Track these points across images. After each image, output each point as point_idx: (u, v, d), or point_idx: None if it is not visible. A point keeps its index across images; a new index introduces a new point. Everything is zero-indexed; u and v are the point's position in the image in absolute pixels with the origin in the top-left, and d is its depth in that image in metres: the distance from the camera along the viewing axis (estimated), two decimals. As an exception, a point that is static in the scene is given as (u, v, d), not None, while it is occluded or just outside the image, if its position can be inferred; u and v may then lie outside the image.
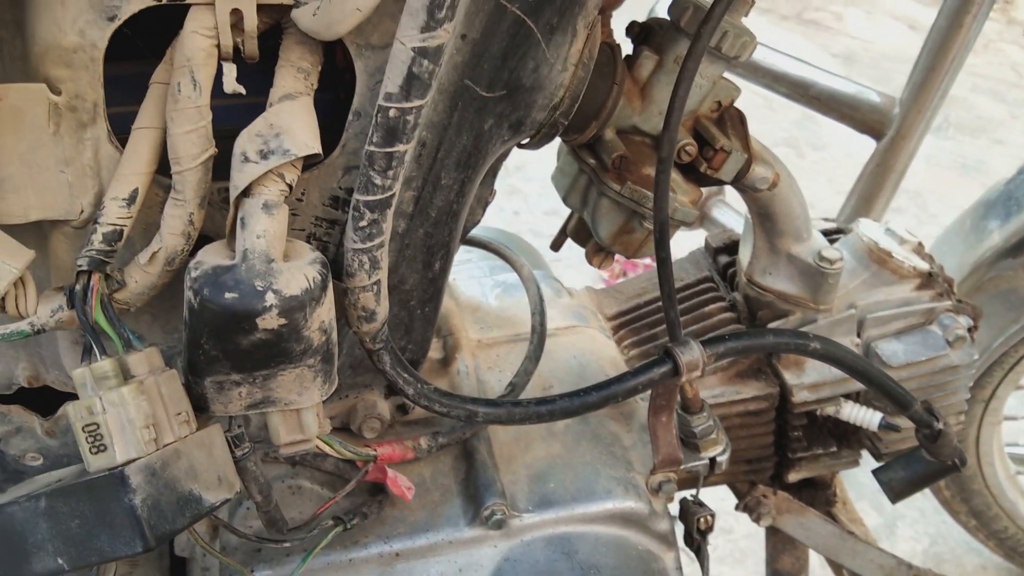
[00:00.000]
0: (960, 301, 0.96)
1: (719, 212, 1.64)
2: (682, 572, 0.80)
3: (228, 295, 0.49)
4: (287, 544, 0.66)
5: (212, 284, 0.50)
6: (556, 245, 0.92)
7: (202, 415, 0.55)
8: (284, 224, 0.52)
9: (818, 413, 0.96)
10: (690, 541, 0.85)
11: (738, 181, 0.81)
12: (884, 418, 0.92)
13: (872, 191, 1.48)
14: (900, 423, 0.90)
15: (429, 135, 0.61)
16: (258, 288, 0.50)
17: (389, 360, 0.64)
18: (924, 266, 0.94)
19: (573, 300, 1.01)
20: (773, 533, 1.13)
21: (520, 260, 0.95)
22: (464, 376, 0.86)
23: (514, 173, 2.74)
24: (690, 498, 0.85)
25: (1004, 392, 1.45)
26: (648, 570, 0.77)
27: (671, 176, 0.76)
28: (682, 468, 0.80)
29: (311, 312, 0.52)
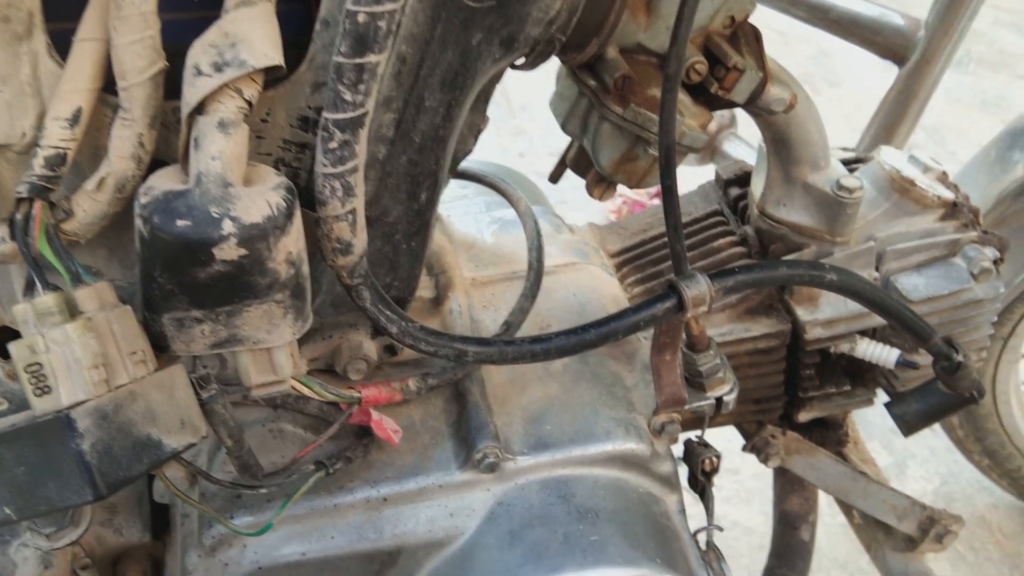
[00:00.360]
0: (986, 232, 0.91)
1: (731, 146, 1.57)
2: (685, 515, 0.77)
3: (180, 223, 0.45)
4: (264, 490, 0.63)
5: (163, 211, 0.45)
6: (555, 176, 0.87)
7: (164, 355, 0.51)
8: (243, 145, 0.47)
9: (832, 351, 0.91)
10: (694, 483, 0.82)
11: (752, 103, 0.76)
12: (902, 355, 0.87)
13: (894, 120, 1.41)
14: (919, 360, 0.86)
15: (409, 49, 0.56)
16: (213, 215, 0.45)
17: (369, 296, 0.60)
18: (949, 195, 0.89)
19: (574, 236, 0.96)
20: (781, 474, 1.10)
21: (517, 194, 0.90)
22: (457, 316, 0.82)
23: (519, 114, 2.66)
24: (695, 439, 0.81)
25: (1024, 329, 1.41)
26: (649, 513, 0.74)
27: (679, 97, 0.70)
28: (686, 408, 0.76)
29: (275, 242, 0.47)
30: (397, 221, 0.66)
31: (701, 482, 0.81)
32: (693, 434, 0.82)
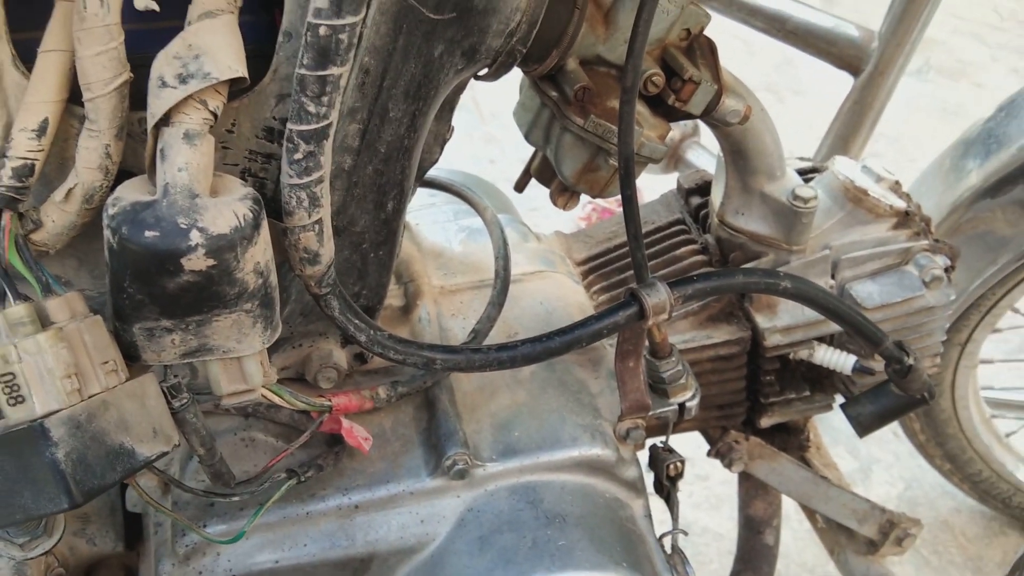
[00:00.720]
0: (937, 241, 0.93)
1: (694, 155, 1.59)
2: (651, 519, 0.79)
3: (149, 233, 0.46)
4: (237, 498, 0.63)
5: (131, 222, 0.46)
6: (520, 186, 0.88)
7: (135, 364, 0.52)
8: (209, 156, 0.48)
9: (791, 357, 0.93)
10: (660, 488, 0.83)
11: (708, 114, 0.77)
12: (858, 361, 0.90)
13: (849, 130, 1.44)
14: (874, 366, 0.89)
15: (372, 61, 0.57)
16: (181, 226, 0.46)
17: (338, 305, 0.60)
18: (901, 204, 0.91)
19: (541, 245, 0.98)
20: (745, 479, 1.11)
21: (483, 202, 0.91)
22: (426, 324, 0.83)
23: (490, 121, 2.68)
24: (660, 445, 0.83)
25: (980, 335, 1.44)
26: (615, 518, 0.75)
27: (637, 109, 0.72)
28: (651, 414, 0.78)
29: (243, 252, 0.48)
30: (364, 231, 0.67)
31: (666, 487, 0.83)
32: (659, 440, 0.84)
